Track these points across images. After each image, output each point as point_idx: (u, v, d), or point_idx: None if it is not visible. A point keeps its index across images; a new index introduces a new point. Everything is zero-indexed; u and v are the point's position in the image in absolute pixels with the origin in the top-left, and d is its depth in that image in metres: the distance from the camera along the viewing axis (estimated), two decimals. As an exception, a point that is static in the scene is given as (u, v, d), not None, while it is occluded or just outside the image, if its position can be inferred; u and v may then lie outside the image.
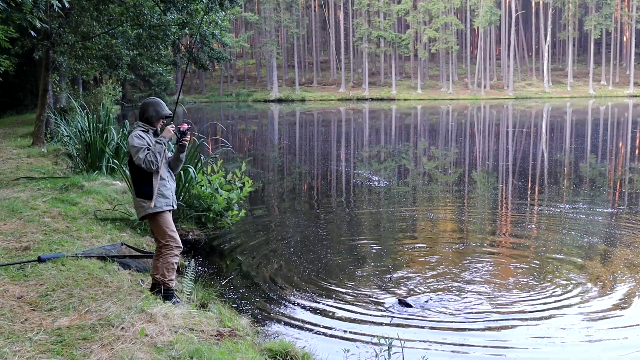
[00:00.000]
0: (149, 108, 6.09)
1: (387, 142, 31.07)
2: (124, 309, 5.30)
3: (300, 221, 12.71)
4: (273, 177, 19.37)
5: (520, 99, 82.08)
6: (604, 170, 19.59)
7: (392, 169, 20.73)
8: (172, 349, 4.58)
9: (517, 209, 13.54)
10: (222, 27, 20.12)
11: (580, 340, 6.33)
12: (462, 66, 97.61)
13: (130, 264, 7.11)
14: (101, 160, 13.67)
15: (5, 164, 13.87)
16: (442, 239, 10.89)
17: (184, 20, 17.60)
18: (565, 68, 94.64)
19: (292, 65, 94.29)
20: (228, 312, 6.37)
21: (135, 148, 5.81)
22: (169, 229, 6.06)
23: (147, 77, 57.19)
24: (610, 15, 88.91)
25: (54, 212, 8.85)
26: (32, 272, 6.11)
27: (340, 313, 7.11)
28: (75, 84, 34.06)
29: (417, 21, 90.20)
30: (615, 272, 8.63)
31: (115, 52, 20.83)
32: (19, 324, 4.80)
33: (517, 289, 7.86)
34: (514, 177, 18.16)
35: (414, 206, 14.17)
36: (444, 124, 44.19)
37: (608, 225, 11.60)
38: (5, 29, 10.87)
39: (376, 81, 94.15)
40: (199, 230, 10.08)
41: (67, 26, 17.40)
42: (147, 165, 5.81)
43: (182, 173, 10.08)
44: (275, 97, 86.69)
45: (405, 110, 62.38)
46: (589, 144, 27.24)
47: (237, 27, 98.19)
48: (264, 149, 28.28)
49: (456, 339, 6.38)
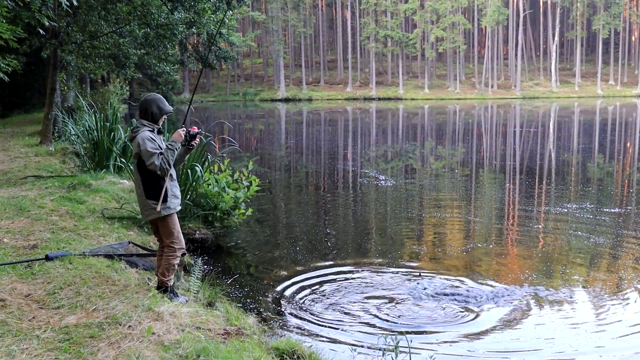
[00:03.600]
0: (152, 105, 5.96)
1: (394, 142, 31.03)
2: (131, 307, 5.30)
3: (307, 220, 12.71)
4: (280, 176, 19.37)
5: (527, 98, 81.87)
6: (612, 170, 19.51)
7: (399, 169, 20.69)
8: (179, 348, 4.58)
9: (524, 208, 13.49)
10: (230, 27, 20.13)
11: (586, 338, 6.30)
12: (469, 66, 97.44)
13: (137, 263, 7.11)
14: (108, 159, 13.68)
15: (13, 163, 13.91)
16: (449, 238, 10.86)
17: (191, 20, 17.62)
18: (573, 68, 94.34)
19: (299, 64, 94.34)
20: (235, 310, 6.37)
21: (149, 153, 5.72)
22: (176, 230, 6.05)
23: (155, 77, 57.27)
24: (619, 14, 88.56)
25: (61, 211, 8.86)
26: (39, 270, 6.12)
27: (348, 312, 7.10)
28: (83, 83, 34.13)
29: (424, 20, 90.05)
30: (623, 271, 8.59)
31: (123, 51, 20.86)
32: (26, 322, 4.81)
33: (525, 286, 7.83)
34: (521, 176, 18.09)
35: (420, 206, 14.14)
36: (451, 123, 44.10)
37: (615, 225, 11.54)
38: (13, 29, 10.89)
39: (383, 81, 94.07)
40: (206, 229, 10.08)
41: (75, 25, 17.43)
42: (162, 172, 5.78)
43: (189, 172, 10.10)
44: (282, 96, 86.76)
45: (413, 110, 62.30)
46: (597, 144, 27.13)
47: (244, 26, 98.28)
48: (271, 148, 28.30)
49: (464, 337, 6.35)
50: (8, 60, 11.94)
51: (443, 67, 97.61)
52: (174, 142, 5.85)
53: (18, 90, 30.73)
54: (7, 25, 10.63)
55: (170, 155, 5.79)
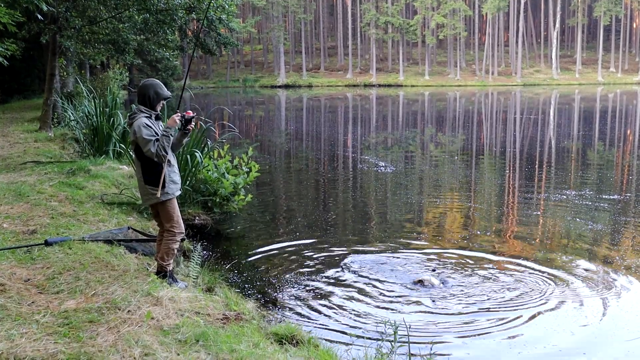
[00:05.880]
0: (150, 90, 5.95)
1: (395, 129, 31.00)
2: (131, 292, 5.31)
3: (306, 206, 12.71)
4: (280, 163, 19.36)
5: (528, 85, 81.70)
6: (612, 157, 19.49)
7: (399, 155, 20.67)
8: (178, 332, 4.59)
9: (524, 195, 13.49)
10: (229, 12, 19.99)
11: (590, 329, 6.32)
12: (470, 52, 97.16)
13: (136, 248, 7.12)
14: (108, 144, 13.67)
15: (13, 148, 13.90)
16: (449, 226, 10.87)
17: (191, 5, 17.52)
18: (574, 55, 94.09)
19: (300, 51, 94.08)
20: (234, 296, 6.38)
21: (145, 140, 5.73)
22: (175, 215, 6.07)
23: (154, 62, 57.14)
24: (620, 1, 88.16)
25: (60, 196, 8.86)
26: (39, 256, 6.13)
27: (347, 297, 7.12)
28: (82, 68, 34.04)
29: (425, 7, 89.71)
30: (625, 259, 8.61)
31: (122, 36, 20.75)
32: (26, 307, 4.82)
33: (524, 276, 7.85)
34: (520, 163, 18.09)
35: (420, 192, 14.14)
36: (451, 110, 44.03)
37: (615, 212, 11.54)
38: (12, 13, 10.83)
39: (383, 67, 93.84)
40: (206, 215, 10.08)
41: (74, 10, 17.33)
42: (158, 158, 5.79)
43: (189, 157, 10.09)
44: (283, 82, 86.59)
45: (413, 96, 62.17)
46: (597, 131, 27.09)
47: (244, 12, 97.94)
48: (271, 134, 28.26)
49: (463, 326, 6.37)
50: (7, 45, 11.89)
51: (443, 54, 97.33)
52: (169, 129, 5.85)
53: (17, 76, 30.66)
54: (6, 10, 10.58)
55: (166, 142, 5.79)
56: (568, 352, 5.81)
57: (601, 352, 5.85)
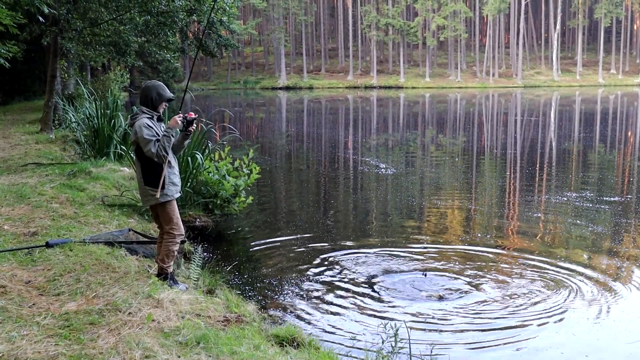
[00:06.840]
0: (152, 92, 5.97)
1: (395, 130, 31.00)
2: (131, 294, 5.31)
3: (307, 208, 12.71)
4: (280, 164, 19.36)
5: (529, 87, 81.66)
6: (613, 159, 19.48)
7: (399, 157, 20.67)
8: (179, 335, 4.59)
9: (525, 197, 13.48)
10: (230, 14, 20.02)
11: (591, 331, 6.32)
12: (470, 54, 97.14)
13: (137, 250, 7.13)
14: (109, 146, 13.67)
15: (14, 150, 13.91)
16: (450, 229, 10.87)
17: (192, 7, 17.54)
18: (574, 56, 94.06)
19: (300, 52, 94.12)
20: (235, 298, 6.38)
21: (146, 140, 5.74)
22: (175, 217, 6.07)
23: (155, 64, 57.15)
24: (621, 3, 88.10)
25: (61, 198, 8.87)
26: (40, 257, 6.13)
27: (348, 299, 7.12)
28: (83, 70, 34.06)
29: (425, 9, 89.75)
30: (626, 261, 8.61)
31: (123, 38, 20.78)
32: (27, 309, 4.82)
33: (525, 279, 7.85)
34: (521, 164, 18.08)
35: (421, 194, 14.13)
36: (452, 112, 44.02)
37: (616, 214, 11.54)
38: (13, 15, 10.86)
39: (384, 69, 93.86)
40: (206, 217, 10.08)
41: (75, 12, 17.34)
42: (159, 159, 5.80)
43: (189, 159, 10.09)
44: (283, 84, 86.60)
45: (414, 98, 62.16)
46: (598, 133, 27.08)
47: (245, 14, 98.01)
48: (272, 136, 28.27)
49: (464, 328, 6.37)
50: (8, 46, 11.92)
51: (444, 56, 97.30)
52: (170, 129, 5.87)
53: (18, 78, 30.65)
54: (7, 11, 10.60)
55: (167, 142, 5.80)
56: (570, 354, 5.80)
57: (603, 354, 5.85)
